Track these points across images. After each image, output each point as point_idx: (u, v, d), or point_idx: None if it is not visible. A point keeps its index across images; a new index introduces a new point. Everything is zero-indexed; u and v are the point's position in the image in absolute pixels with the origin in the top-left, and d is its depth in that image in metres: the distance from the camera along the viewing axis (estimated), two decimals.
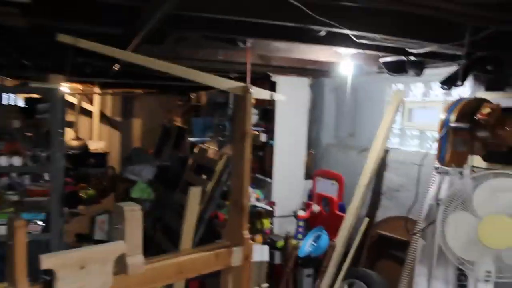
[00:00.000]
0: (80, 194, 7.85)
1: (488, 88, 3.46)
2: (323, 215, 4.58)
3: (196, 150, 5.96)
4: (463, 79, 3.18)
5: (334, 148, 5.26)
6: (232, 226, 3.04)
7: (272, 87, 5.23)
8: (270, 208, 4.72)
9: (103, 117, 9.43)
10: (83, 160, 8.64)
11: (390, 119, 4.40)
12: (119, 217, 2.20)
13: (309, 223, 4.59)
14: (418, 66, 3.65)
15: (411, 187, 4.12)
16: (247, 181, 3.19)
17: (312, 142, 5.44)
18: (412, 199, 4.08)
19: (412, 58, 3.60)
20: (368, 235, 4.19)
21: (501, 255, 2.56)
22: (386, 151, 4.40)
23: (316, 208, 4.62)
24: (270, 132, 5.28)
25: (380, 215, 4.34)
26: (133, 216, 2.25)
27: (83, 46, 2.35)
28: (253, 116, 5.72)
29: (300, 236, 4.44)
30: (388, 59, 3.71)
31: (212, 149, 5.64)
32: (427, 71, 3.80)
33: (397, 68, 3.70)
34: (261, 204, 4.70)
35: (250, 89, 3.20)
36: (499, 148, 3.19)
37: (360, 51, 3.59)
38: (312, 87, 5.38)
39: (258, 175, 5.43)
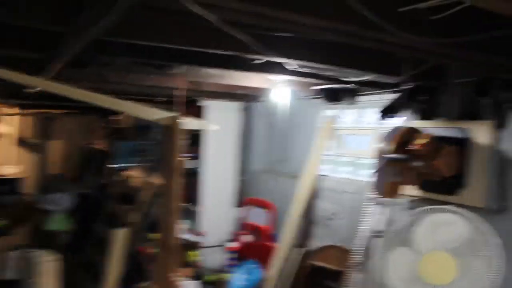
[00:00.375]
0: None
1: (421, 117, 3.44)
2: (254, 246, 4.39)
3: (120, 177, 5.60)
4: (403, 109, 3.14)
5: (265, 175, 5.11)
6: (159, 268, 2.78)
7: (199, 111, 5.02)
8: (199, 239, 4.47)
9: (20, 140, 8.76)
10: None
11: (321, 146, 4.31)
12: (30, 269, 1.88)
13: (240, 255, 4.38)
14: (352, 93, 3.60)
15: (344, 215, 4.05)
16: (176, 221, 2.95)
17: (243, 169, 5.26)
18: (345, 227, 4.01)
19: (346, 86, 3.54)
20: (302, 265, 4.03)
21: None
22: (318, 178, 4.29)
23: (246, 238, 4.42)
24: (198, 158, 5.05)
25: (314, 244, 4.21)
26: (49, 269, 1.94)
27: None
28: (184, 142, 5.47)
29: (231, 269, 4.21)
30: (322, 86, 3.62)
31: (137, 176, 5.31)
32: (360, 98, 3.75)
33: (330, 96, 3.62)
34: (189, 236, 4.44)
35: (181, 120, 2.98)
36: (433, 178, 3.16)
37: (294, 78, 3.48)
38: (243, 111, 5.22)
39: (186, 204, 5.16)
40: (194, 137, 5.19)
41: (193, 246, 4.38)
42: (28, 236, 6.11)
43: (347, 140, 4.38)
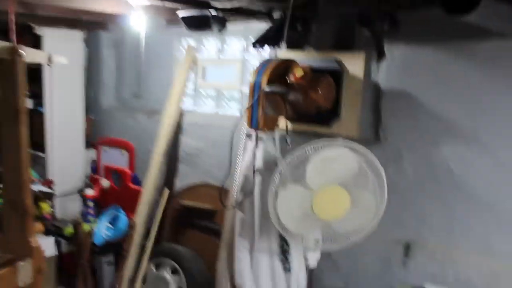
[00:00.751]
0: None
1: (294, 48, 3.30)
2: (115, 191, 3.99)
3: None
4: (276, 39, 2.94)
5: (118, 112, 4.63)
6: (12, 234, 2.32)
7: (36, 41, 4.27)
8: (48, 189, 3.92)
9: None
10: None
11: (183, 79, 3.97)
12: None
13: (100, 202, 3.96)
14: (222, 21, 3.28)
15: (210, 151, 3.85)
16: (27, 174, 2.46)
17: (91, 106, 4.70)
18: (214, 164, 3.82)
19: (215, 13, 3.21)
20: (169, 207, 3.78)
21: (331, 225, 2.45)
22: (181, 114, 3.98)
23: (105, 183, 4.00)
24: (38, 97, 4.35)
25: (180, 183, 3.96)
26: None
27: None
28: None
29: (91, 219, 3.78)
30: (188, 13, 3.24)
31: None
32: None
33: (198, 24, 3.27)
34: (37, 186, 3.86)
35: (20, 51, 2.42)
36: (309, 110, 3.08)
37: (156, 2, 3.05)
38: (86, 42, 4.57)
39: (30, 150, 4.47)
40: (31, 72, 4.45)
41: (42, 197, 3.83)
42: None
43: (210, 72, 4.12)
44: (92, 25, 4.40)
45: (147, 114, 4.33)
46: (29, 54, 2.55)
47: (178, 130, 3.96)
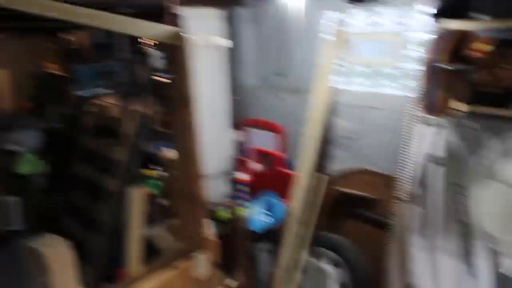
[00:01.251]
0: None
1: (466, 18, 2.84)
2: (266, 175, 3.86)
3: (91, 107, 4.81)
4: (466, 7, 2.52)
5: (262, 92, 4.47)
6: (186, 225, 2.22)
7: (175, 22, 4.21)
8: None
9: None
10: None
11: (331, 54, 3.67)
12: (37, 265, 1.31)
13: (253, 186, 3.85)
14: None
15: (369, 135, 3.54)
16: (199, 164, 2.35)
17: (235, 86, 4.58)
18: (372, 148, 3.52)
19: None
20: (325, 194, 3.56)
21: None
22: (332, 93, 3.70)
23: (256, 167, 3.87)
24: None
25: (334, 168, 3.71)
26: (62, 264, 1.41)
27: None
28: (158, 59, 4.69)
29: (246, 204, 3.69)
30: None
31: (113, 104, 4.55)
32: None
33: None
34: None
35: (185, 35, 2.28)
36: (491, 90, 2.64)
37: None
38: (227, 19, 4.42)
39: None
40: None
41: None
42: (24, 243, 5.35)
43: (361, 46, 3.76)
44: (230, 1, 4.24)
45: (292, 93, 4.10)
46: (198, 39, 2.40)
47: (330, 110, 3.70)
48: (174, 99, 2.37)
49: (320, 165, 3.69)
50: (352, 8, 3.57)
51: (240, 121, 4.40)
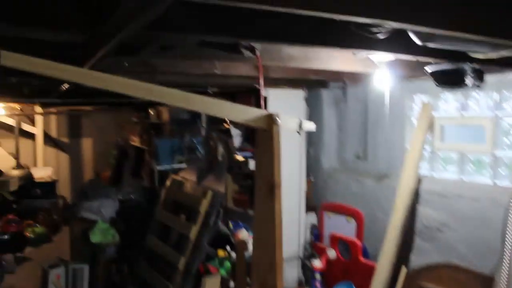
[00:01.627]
0: (26, 233, 6.50)
1: None
2: (342, 264, 3.59)
3: (168, 182, 4.82)
4: None
5: (341, 175, 4.28)
6: None
7: (257, 101, 4.22)
8: None
9: (48, 139, 8.07)
10: (27, 191, 7.26)
11: (419, 140, 3.47)
12: None
13: (325, 274, 3.59)
14: (479, 74, 2.73)
15: (456, 226, 3.21)
16: (280, 255, 2.18)
17: (311, 167, 4.45)
18: (459, 241, 3.18)
19: (471, 65, 2.68)
20: None
21: None
22: (418, 180, 3.45)
23: (331, 254, 3.62)
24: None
25: (416, 261, 3.39)
26: None
27: (10, 64, 1.34)
28: (236, 137, 4.68)
29: None
30: (438, 67, 2.76)
31: (189, 180, 4.53)
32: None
33: (450, 78, 2.76)
34: None
35: (277, 119, 2.21)
36: None
37: (404, 57, 2.63)
38: (307, 100, 4.38)
39: (249, 211, 4.37)
40: (253, 132, 4.41)
41: None
42: (69, 247, 5.43)
43: (450, 132, 3.53)
44: (313, 83, 4.20)
45: (374, 178, 3.88)
46: (283, 122, 2.33)
47: (415, 198, 3.44)
48: (259, 183, 2.28)
49: (402, 256, 3.38)
50: (443, 91, 3.39)
51: (313, 204, 4.22)
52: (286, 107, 4.18)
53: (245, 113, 2.17)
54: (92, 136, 8.39)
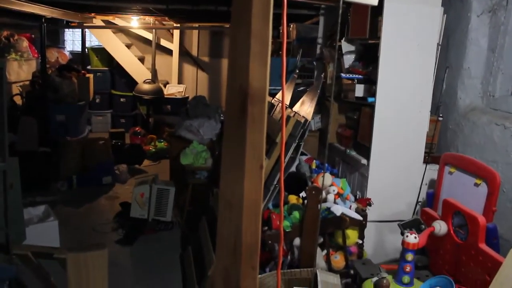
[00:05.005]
0: (149, 147, 6.25)
1: None
2: (453, 245, 2.29)
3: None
4: None
5: (483, 116, 2.84)
6: None
7: (374, 11, 2.92)
8: (359, 217, 2.55)
9: (188, 57, 7.67)
10: (158, 106, 7.01)
11: None
12: None
13: (426, 253, 2.35)
14: None
15: None
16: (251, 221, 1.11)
17: (441, 102, 3.06)
18: None
19: None
20: None
21: None
22: None
23: (440, 228, 2.33)
24: (371, 82, 3.01)
25: None
26: None
27: None
28: (348, 55, 3.47)
29: (405, 278, 2.21)
30: None
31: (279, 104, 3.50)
32: None
33: None
34: (347, 210, 2.55)
35: None
36: None
37: None
38: (445, 6, 2.91)
39: (350, 152, 3.21)
40: (368, 49, 3.15)
41: (352, 221, 2.51)
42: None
43: None
44: None
45: None
46: None
47: None
48: (228, 91, 1.20)
49: None
50: None
51: (437, 156, 2.88)
52: (411, 17, 2.81)
53: None
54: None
